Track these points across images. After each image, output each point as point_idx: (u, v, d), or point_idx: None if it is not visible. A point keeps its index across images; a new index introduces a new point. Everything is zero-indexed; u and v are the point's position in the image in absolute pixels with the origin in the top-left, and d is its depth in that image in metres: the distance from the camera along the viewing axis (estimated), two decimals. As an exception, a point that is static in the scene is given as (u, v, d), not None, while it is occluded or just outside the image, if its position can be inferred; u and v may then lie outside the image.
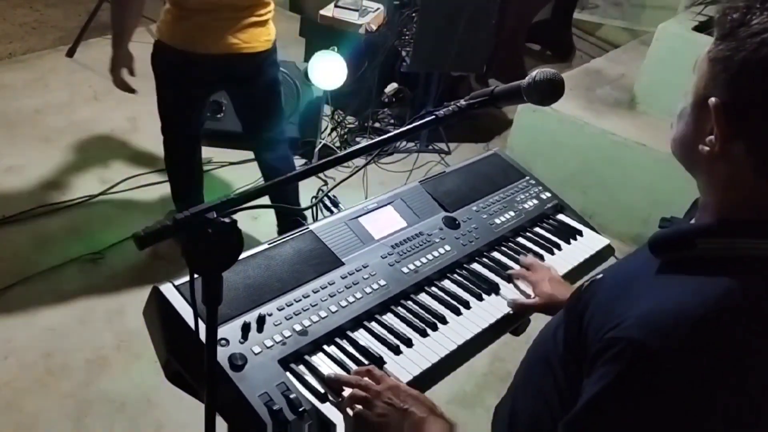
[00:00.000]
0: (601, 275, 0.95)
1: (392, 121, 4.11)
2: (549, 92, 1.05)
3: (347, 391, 1.13)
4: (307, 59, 3.66)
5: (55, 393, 2.27)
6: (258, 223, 2.98)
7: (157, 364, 1.58)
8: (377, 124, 4.06)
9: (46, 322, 2.51)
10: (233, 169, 3.47)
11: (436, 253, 1.49)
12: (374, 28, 3.86)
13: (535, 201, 1.75)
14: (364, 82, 3.77)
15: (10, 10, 5.71)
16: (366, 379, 1.12)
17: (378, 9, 4.01)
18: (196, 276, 0.94)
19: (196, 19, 2.27)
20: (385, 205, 1.57)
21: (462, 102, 1.14)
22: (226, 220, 0.87)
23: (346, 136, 3.84)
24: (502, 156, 1.88)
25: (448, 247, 1.51)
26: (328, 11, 3.94)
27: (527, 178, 1.81)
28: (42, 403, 2.23)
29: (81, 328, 2.51)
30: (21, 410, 2.20)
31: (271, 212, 2.87)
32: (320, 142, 3.63)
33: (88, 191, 3.12)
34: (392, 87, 3.64)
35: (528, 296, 1.43)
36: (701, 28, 3.44)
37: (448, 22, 3.48)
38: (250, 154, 3.47)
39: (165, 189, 3.22)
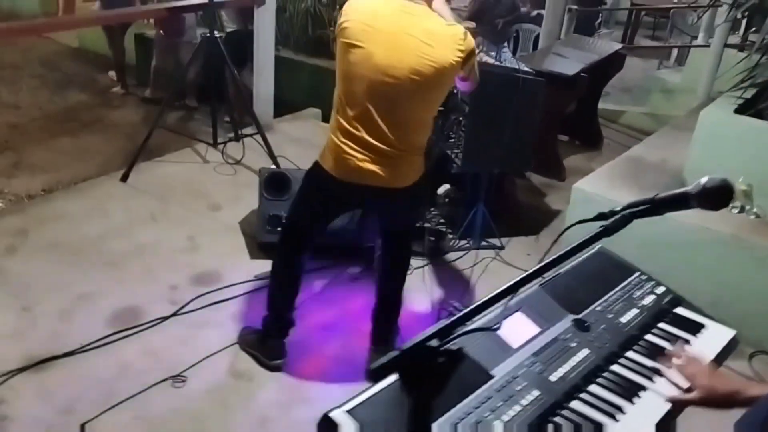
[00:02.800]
0: None
1: (442, 220, 4.16)
2: (720, 197, 1.09)
3: None
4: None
5: None
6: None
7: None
8: (427, 224, 4.12)
9: (136, 451, 2.46)
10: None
11: (577, 359, 1.49)
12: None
13: (652, 296, 1.77)
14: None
15: (52, 141, 5.96)
16: None
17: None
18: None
19: (350, 153, 2.44)
20: (515, 311, 1.59)
21: (625, 212, 1.18)
22: (453, 347, 0.89)
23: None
24: (608, 253, 1.91)
25: (586, 351, 1.52)
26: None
27: (638, 273, 1.84)
28: None
29: (171, 455, 2.46)
30: None
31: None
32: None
33: (160, 313, 3.13)
34: (445, 188, 3.72)
35: (684, 390, 1.42)
36: (742, 110, 3.55)
37: (495, 123, 3.60)
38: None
39: (234, 306, 3.26)
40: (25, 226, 3.78)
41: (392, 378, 1.31)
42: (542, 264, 1.10)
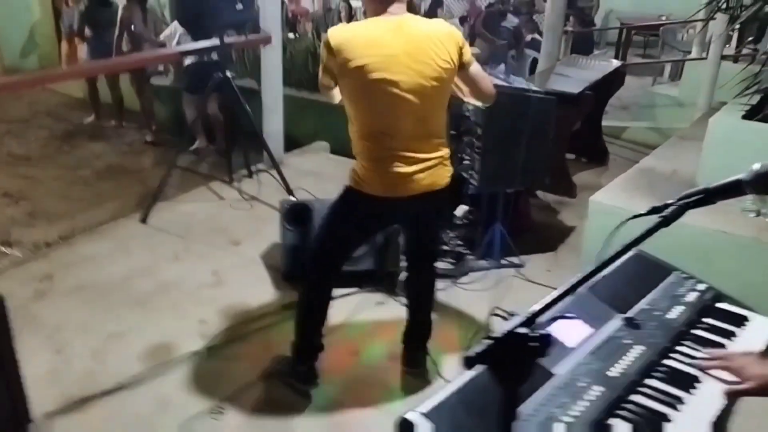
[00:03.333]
0: None
1: (460, 242, 4.20)
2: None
3: None
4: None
5: None
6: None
7: None
8: (446, 247, 4.15)
9: (181, 485, 2.47)
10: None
11: (633, 355, 1.52)
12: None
13: (695, 293, 1.80)
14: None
15: (66, 189, 6.03)
16: None
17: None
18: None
19: (396, 172, 2.47)
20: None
21: (680, 202, 1.22)
22: (545, 332, 0.92)
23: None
24: (645, 254, 1.95)
25: (640, 347, 1.55)
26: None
27: (678, 272, 1.87)
28: None
29: (217, 487, 2.47)
30: None
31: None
32: (402, 272, 3.71)
33: (191, 347, 3.16)
34: (463, 210, 3.77)
35: (736, 382, 1.44)
36: (749, 115, 3.63)
37: (509, 143, 3.67)
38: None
39: (263, 337, 3.28)
40: (50, 271, 3.82)
41: (460, 381, 1.36)
42: (609, 257, 1.14)
